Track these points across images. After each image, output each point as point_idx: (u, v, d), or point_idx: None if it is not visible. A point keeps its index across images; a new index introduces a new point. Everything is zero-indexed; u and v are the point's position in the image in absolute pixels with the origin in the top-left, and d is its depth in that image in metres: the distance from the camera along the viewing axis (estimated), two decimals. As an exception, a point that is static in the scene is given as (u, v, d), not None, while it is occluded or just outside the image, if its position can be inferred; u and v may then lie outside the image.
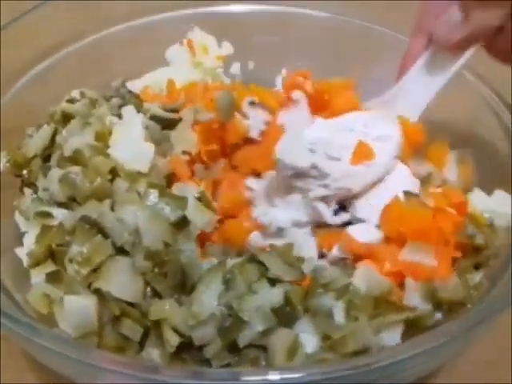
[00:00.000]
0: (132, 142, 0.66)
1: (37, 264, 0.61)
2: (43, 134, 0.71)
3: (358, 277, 0.57)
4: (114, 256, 0.57)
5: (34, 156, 0.70)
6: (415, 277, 0.57)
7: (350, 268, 0.59)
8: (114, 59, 0.84)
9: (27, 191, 0.69)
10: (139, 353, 0.57)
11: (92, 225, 0.59)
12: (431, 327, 0.55)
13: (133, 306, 0.56)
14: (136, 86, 0.80)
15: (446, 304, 0.57)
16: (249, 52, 0.88)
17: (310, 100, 0.70)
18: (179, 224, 0.59)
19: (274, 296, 0.55)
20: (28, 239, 0.65)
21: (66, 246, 0.59)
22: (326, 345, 0.54)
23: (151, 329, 0.56)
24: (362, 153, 0.62)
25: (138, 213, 0.58)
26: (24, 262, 0.63)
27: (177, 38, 0.85)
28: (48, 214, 0.63)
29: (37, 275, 0.61)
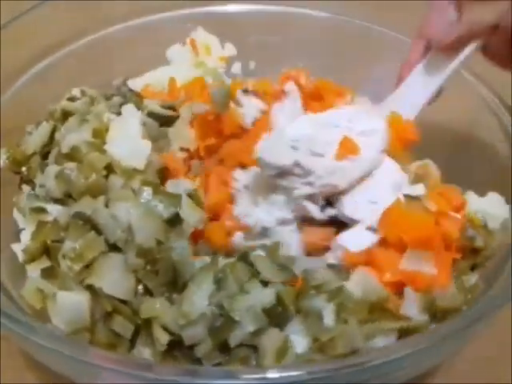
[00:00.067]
0: (129, 139, 0.66)
1: (32, 260, 0.61)
2: (42, 131, 0.71)
3: (354, 281, 0.56)
4: (106, 253, 0.57)
5: (33, 153, 0.70)
6: (415, 285, 0.56)
7: (344, 272, 0.58)
8: (113, 59, 0.84)
9: (25, 188, 0.70)
10: (130, 351, 0.57)
11: (85, 221, 0.59)
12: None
13: (125, 303, 0.56)
14: (137, 85, 0.80)
15: (441, 312, 0.56)
16: (249, 52, 0.88)
17: (304, 92, 0.70)
18: (172, 221, 0.58)
19: (265, 296, 0.55)
20: (25, 235, 0.65)
21: (61, 242, 0.59)
22: (315, 346, 0.54)
23: (142, 327, 0.56)
24: (347, 148, 0.61)
25: (132, 210, 0.58)
26: (19, 257, 0.63)
27: (176, 38, 0.85)
28: (43, 210, 0.63)
29: (32, 271, 0.61)
